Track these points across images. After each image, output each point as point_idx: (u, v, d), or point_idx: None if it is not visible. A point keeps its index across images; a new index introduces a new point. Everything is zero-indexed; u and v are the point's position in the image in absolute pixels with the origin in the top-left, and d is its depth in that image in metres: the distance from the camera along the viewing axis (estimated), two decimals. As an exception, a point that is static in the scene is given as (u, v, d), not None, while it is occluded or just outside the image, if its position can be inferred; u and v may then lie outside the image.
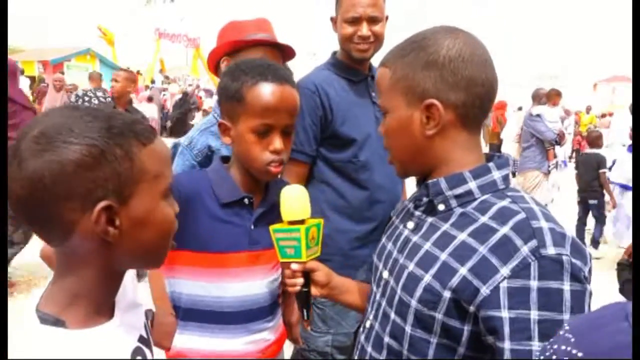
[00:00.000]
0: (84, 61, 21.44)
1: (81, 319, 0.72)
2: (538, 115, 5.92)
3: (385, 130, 1.02)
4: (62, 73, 15.87)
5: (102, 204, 0.67)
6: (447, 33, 0.93)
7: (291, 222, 1.11)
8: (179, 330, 1.29)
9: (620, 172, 5.69)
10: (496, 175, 0.93)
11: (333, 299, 1.21)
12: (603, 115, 13.67)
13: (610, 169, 5.90)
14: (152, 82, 19.99)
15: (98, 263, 0.72)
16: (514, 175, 10.42)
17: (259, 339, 1.31)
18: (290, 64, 1.95)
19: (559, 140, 5.86)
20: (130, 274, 0.84)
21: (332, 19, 1.96)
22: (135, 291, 0.89)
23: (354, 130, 1.89)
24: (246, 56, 1.63)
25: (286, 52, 1.86)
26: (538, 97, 6.32)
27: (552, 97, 6.39)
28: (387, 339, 0.98)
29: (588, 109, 17.20)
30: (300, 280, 1.11)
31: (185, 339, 1.29)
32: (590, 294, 0.81)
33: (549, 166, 5.84)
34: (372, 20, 1.83)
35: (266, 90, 1.18)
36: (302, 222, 1.11)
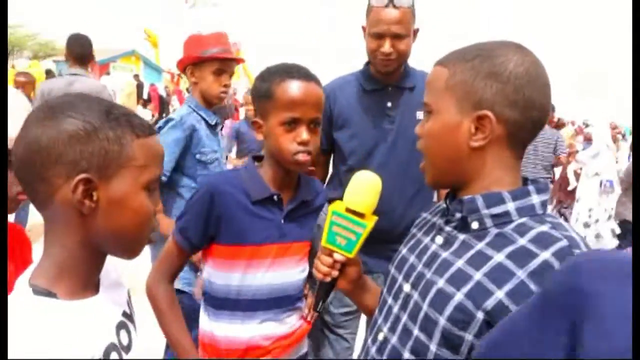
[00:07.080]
0: (128, 62, 22.15)
1: (69, 291, 0.78)
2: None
3: (425, 132, 0.97)
4: (108, 73, 16.46)
5: (82, 175, 0.74)
6: (517, 49, 0.90)
7: (351, 211, 1.05)
8: (213, 318, 1.38)
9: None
10: (535, 199, 0.89)
11: (352, 297, 1.18)
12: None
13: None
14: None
15: (76, 234, 0.78)
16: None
17: (286, 324, 1.41)
18: (317, 63, 2.02)
19: None
20: (111, 261, 0.88)
21: (363, 27, 1.94)
22: (119, 275, 0.95)
23: (354, 139, 1.93)
24: (207, 67, 2.13)
25: (237, 60, 2.35)
26: None
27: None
28: (407, 355, 0.93)
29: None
30: (336, 273, 1.09)
31: (216, 326, 1.37)
32: None
33: None
34: (396, 37, 1.81)
35: (293, 85, 1.27)
36: (362, 215, 1.05)
